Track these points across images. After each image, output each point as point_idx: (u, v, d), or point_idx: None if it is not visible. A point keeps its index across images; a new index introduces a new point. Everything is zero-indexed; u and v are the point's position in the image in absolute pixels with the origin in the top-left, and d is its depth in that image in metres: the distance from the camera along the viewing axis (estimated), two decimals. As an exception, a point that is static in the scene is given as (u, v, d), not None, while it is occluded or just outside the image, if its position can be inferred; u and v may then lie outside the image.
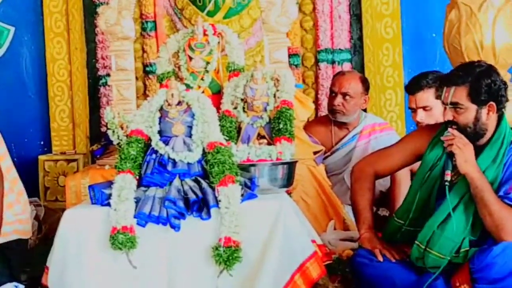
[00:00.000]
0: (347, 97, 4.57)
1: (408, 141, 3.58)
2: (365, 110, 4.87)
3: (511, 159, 3.15)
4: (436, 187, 3.27)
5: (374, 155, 3.69)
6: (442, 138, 3.18)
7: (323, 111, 5.25)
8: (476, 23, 4.24)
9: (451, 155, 3.15)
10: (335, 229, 4.07)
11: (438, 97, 3.31)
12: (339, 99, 4.57)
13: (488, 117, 3.18)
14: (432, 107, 4.02)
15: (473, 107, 3.15)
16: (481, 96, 3.14)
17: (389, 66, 5.35)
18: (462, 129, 3.15)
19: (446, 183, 3.11)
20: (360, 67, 5.36)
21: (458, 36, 4.29)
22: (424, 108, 4.05)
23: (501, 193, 3.10)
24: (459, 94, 3.15)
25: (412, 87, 4.11)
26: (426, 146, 3.37)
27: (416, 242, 3.18)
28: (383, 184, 4.40)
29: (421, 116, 4.06)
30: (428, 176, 3.30)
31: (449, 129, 3.15)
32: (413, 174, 3.91)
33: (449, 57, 4.46)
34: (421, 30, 5.42)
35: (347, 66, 5.36)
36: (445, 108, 3.22)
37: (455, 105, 3.16)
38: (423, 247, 3.14)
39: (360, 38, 5.39)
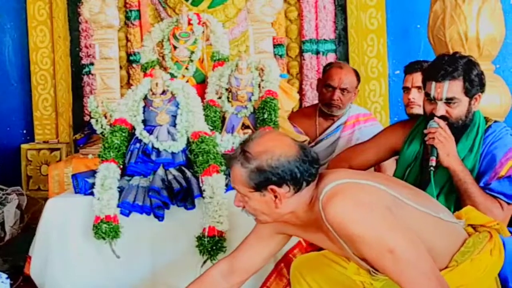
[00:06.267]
0: (345, 92, 4.55)
1: (382, 136, 3.55)
2: (349, 101, 4.86)
3: (487, 148, 3.14)
4: (418, 182, 3.25)
5: (349, 151, 3.68)
6: (425, 131, 3.15)
7: (308, 102, 5.24)
8: (460, 14, 4.26)
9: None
10: (319, 219, 4.07)
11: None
12: (338, 94, 4.53)
13: (475, 108, 3.17)
14: None
15: (466, 99, 3.12)
16: (474, 88, 3.11)
17: (374, 57, 5.34)
18: (454, 122, 3.12)
19: (431, 169, 3.09)
20: (344, 58, 5.34)
21: (443, 28, 4.31)
22: (418, 88, 4.03)
23: (481, 184, 3.10)
24: (455, 88, 3.09)
25: (412, 66, 4.08)
26: (401, 142, 3.36)
27: None
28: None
29: (414, 95, 4.03)
30: (409, 173, 3.29)
31: (435, 119, 3.11)
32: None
33: (434, 49, 4.48)
34: (405, 21, 5.41)
35: (331, 57, 5.35)
36: (431, 103, 3.17)
37: (450, 100, 3.10)
38: None
39: (345, 29, 5.38)
